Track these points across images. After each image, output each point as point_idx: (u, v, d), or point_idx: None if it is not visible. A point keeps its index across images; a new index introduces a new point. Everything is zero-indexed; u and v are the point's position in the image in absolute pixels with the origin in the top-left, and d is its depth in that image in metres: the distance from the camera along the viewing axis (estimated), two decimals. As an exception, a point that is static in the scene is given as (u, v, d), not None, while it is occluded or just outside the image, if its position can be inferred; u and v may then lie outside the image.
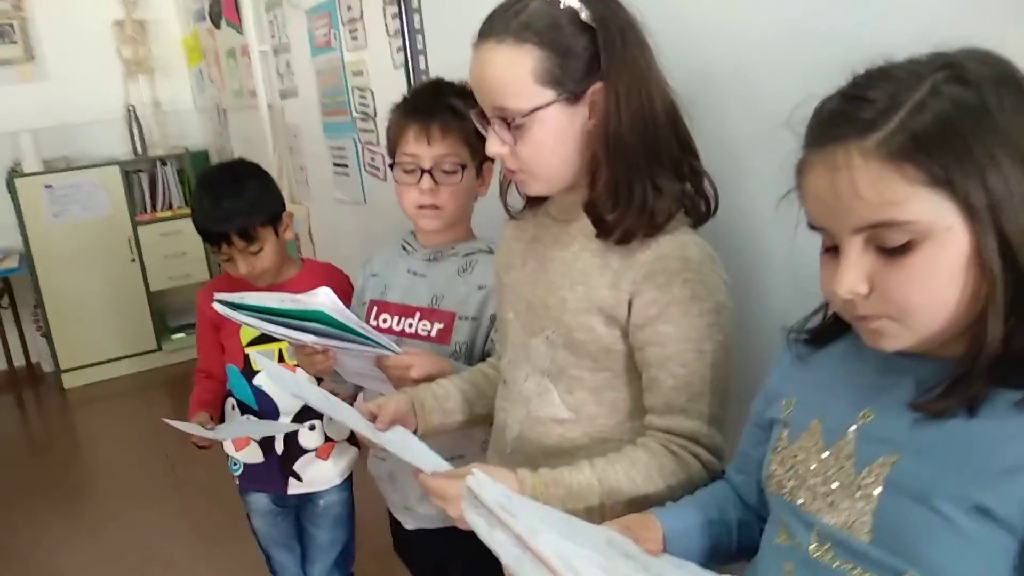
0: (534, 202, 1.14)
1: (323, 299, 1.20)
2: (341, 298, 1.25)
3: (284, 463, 1.76)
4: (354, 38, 2.38)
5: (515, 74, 0.94)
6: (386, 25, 2.16)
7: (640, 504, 0.95)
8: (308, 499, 1.84)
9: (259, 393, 1.71)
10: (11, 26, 4.23)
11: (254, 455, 1.77)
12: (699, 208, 1.02)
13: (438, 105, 1.34)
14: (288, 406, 1.72)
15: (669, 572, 0.82)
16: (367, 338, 1.24)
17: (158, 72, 4.56)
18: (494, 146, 0.99)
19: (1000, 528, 0.63)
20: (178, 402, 3.90)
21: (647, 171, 0.97)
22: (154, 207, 4.37)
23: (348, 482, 1.86)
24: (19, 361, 4.35)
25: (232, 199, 1.61)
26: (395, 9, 2.04)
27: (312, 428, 1.75)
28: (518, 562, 0.70)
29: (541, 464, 0.99)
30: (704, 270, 0.98)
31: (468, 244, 1.44)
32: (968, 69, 0.64)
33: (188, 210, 4.28)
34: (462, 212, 1.42)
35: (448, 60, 1.92)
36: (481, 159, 1.36)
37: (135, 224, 4.26)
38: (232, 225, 1.60)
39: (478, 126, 1.03)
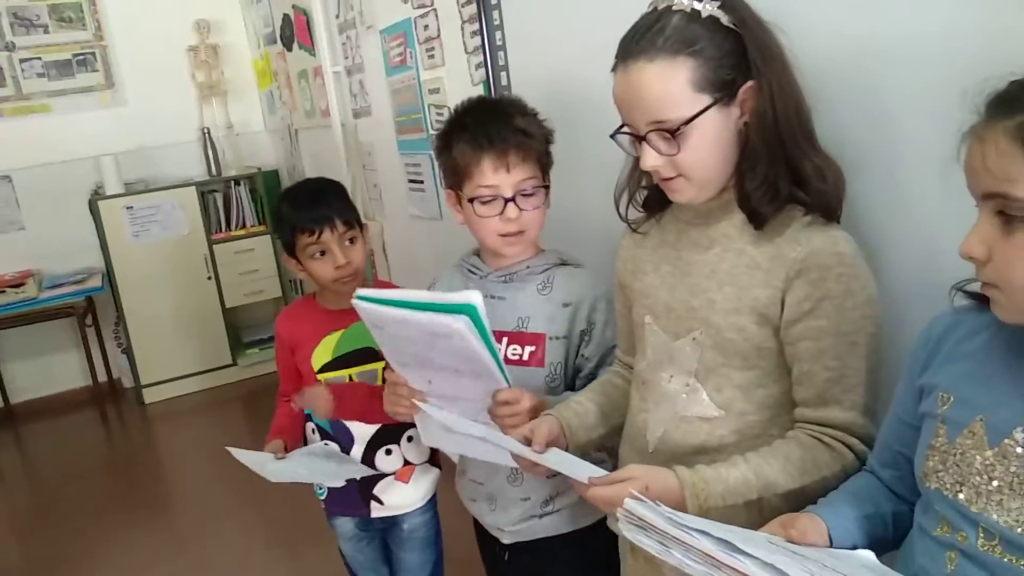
0: (653, 211, 1.18)
1: (474, 296, 1.15)
2: None
3: (363, 487, 1.75)
4: (431, 56, 2.41)
5: (674, 86, 0.98)
6: (464, 43, 2.19)
7: (796, 497, 0.97)
8: (393, 522, 1.83)
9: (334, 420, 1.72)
10: (92, 54, 4.41)
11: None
12: (828, 196, 1.03)
13: (508, 128, 1.32)
14: (362, 432, 1.71)
15: (849, 567, 0.81)
16: (496, 359, 1.20)
17: (231, 95, 4.69)
18: (651, 160, 1.02)
19: None
20: (253, 415, 4.01)
21: (799, 157, 1.01)
22: (228, 226, 4.48)
23: (432, 503, 1.85)
24: (102, 377, 4.50)
25: (325, 196, 1.65)
26: (474, 27, 2.06)
27: (388, 452, 1.74)
28: None
29: (686, 462, 1.01)
30: (856, 264, 1.00)
31: (540, 260, 1.43)
32: None
33: (261, 228, 4.45)
34: (540, 231, 1.42)
35: (533, 75, 1.92)
36: (547, 173, 1.38)
37: (211, 243, 4.38)
38: (333, 210, 1.61)
39: (618, 143, 1.07)
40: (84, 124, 4.37)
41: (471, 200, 1.34)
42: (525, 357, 1.39)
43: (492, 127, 1.33)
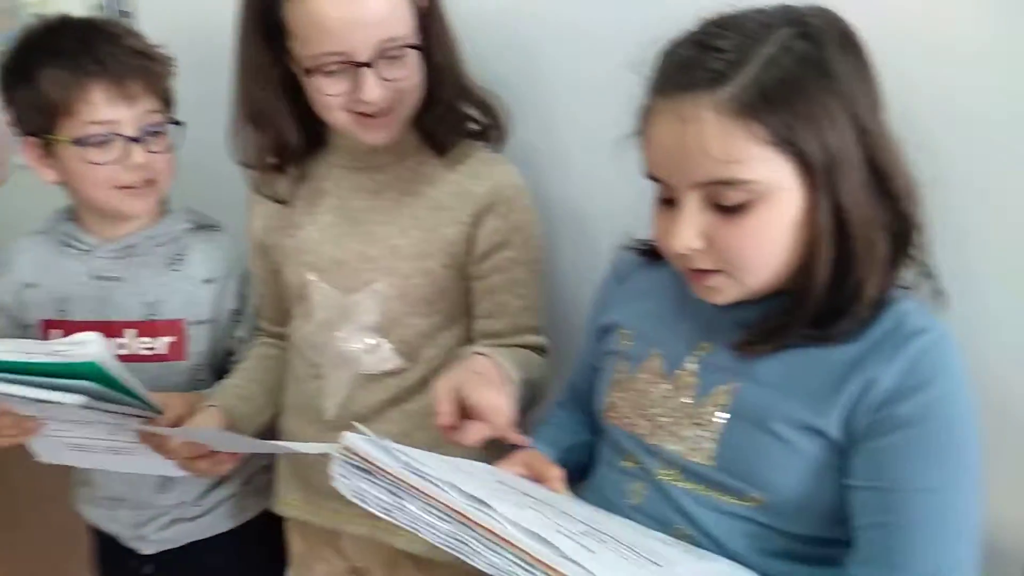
0: (294, 161, 1.07)
1: (93, 347, 0.89)
2: None
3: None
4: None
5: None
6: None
7: (528, 387, 0.93)
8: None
9: None
10: None
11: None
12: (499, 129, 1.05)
13: (123, 49, 1.06)
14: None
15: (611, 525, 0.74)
16: (138, 397, 0.95)
17: None
18: (375, 91, 0.93)
19: (826, 443, 0.69)
20: None
21: (469, 88, 1.03)
22: None
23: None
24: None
25: None
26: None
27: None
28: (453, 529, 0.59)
29: (373, 421, 0.99)
30: (529, 195, 1.04)
31: (165, 226, 1.15)
32: (814, 26, 0.66)
33: None
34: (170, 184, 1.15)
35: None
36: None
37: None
38: None
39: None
40: None
41: (77, 142, 1.04)
42: (162, 351, 1.13)
43: (101, 48, 1.05)
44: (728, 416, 0.73)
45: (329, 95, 0.95)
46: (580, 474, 0.89)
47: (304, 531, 1.18)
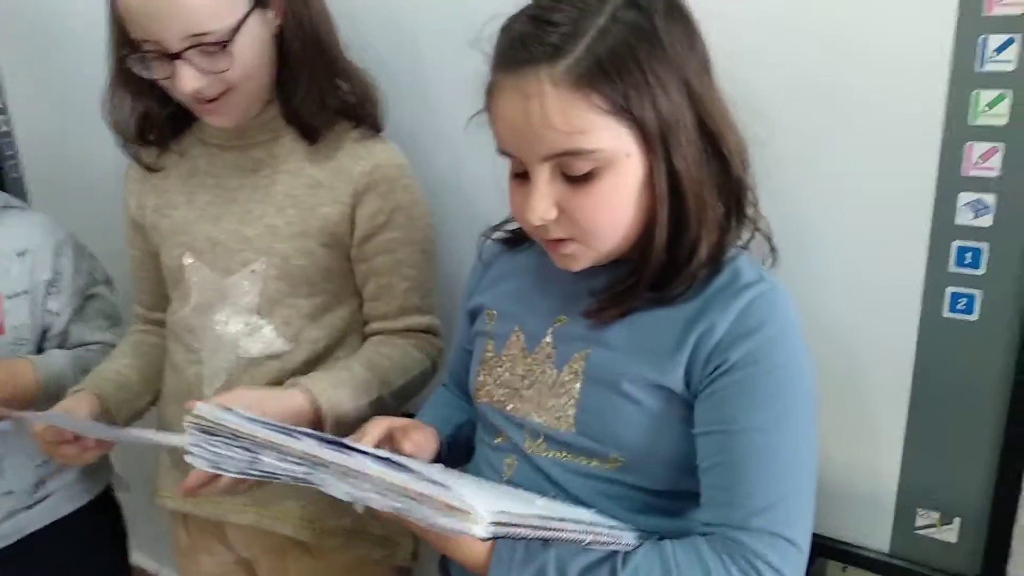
0: (166, 141, 1.06)
1: None
2: None
3: None
4: None
5: None
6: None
7: (401, 394, 1.01)
8: None
9: None
10: None
11: None
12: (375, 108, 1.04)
13: None
14: None
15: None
16: None
17: None
18: (190, 82, 0.91)
19: (674, 398, 0.72)
20: None
21: (341, 67, 1.02)
22: None
23: None
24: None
25: None
26: None
27: None
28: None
29: None
30: (413, 174, 1.04)
31: None
32: None
33: None
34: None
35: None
36: None
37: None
38: None
39: (132, 66, 0.93)
40: None
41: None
42: None
43: None
44: (582, 381, 0.76)
45: (158, 80, 0.94)
46: (468, 454, 0.91)
47: (188, 524, 1.15)
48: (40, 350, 1.18)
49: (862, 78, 0.86)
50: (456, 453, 0.91)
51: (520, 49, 0.67)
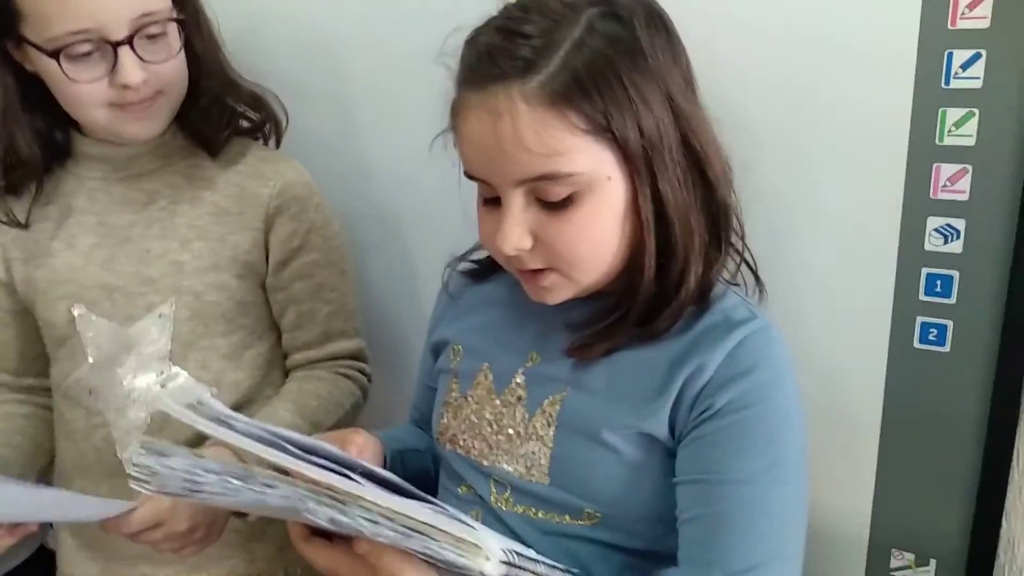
0: (30, 178, 0.93)
1: None
2: None
3: None
4: None
5: None
6: None
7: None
8: None
9: None
10: None
11: None
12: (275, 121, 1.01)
13: None
14: None
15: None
16: None
17: None
18: (135, 74, 0.84)
19: (657, 446, 0.66)
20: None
21: (237, 80, 0.98)
22: None
23: None
24: None
25: None
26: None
27: None
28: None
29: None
30: (317, 190, 0.99)
31: None
32: (620, 4, 0.63)
33: None
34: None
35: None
36: None
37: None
38: None
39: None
40: None
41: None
42: None
43: None
44: (555, 428, 0.69)
45: (81, 83, 0.83)
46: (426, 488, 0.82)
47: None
48: None
49: (829, 91, 0.82)
50: (410, 477, 0.81)
51: (488, 64, 0.61)
